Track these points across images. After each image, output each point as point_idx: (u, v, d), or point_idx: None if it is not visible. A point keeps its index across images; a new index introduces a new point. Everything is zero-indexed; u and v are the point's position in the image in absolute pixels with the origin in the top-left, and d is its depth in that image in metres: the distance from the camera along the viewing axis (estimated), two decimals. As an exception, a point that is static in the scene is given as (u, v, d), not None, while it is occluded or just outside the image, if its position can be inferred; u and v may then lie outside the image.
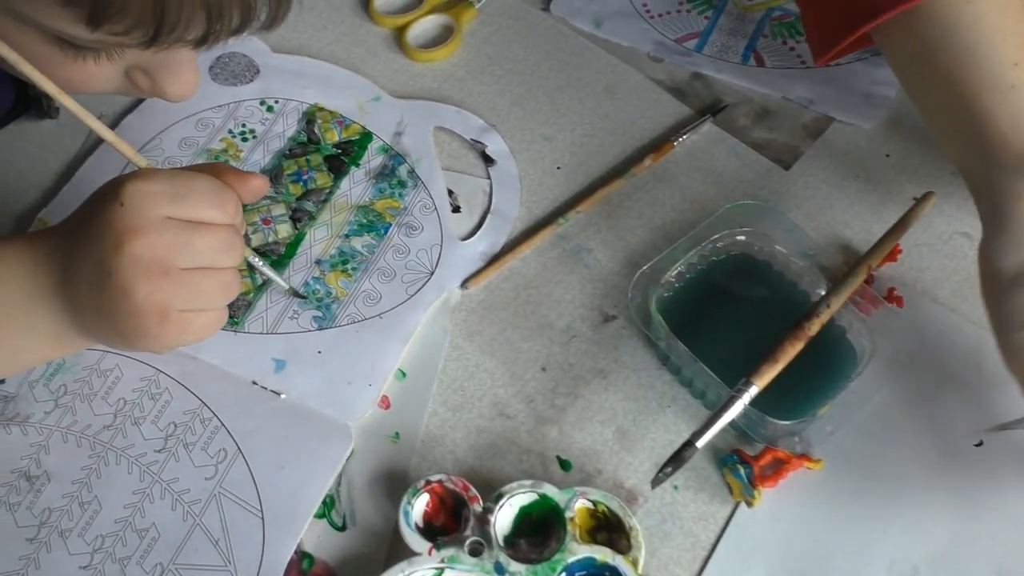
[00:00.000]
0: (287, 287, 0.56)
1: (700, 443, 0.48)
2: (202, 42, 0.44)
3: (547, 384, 0.56)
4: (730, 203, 0.59)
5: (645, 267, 0.56)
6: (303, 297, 0.57)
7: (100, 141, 0.64)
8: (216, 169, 0.48)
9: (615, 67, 0.70)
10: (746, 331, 0.55)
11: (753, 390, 0.49)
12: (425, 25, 0.71)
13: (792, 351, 0.51)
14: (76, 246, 0.46)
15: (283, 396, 0.54)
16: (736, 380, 0.51)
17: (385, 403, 0.55)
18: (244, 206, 0.49)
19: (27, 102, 0.64)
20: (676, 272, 0.56)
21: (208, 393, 0.54)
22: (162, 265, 0.44)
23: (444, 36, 0.71)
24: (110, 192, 0.45)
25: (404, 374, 0.56)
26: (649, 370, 0.56)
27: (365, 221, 0.61)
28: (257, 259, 0.53)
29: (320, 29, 0.70)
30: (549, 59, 0.70)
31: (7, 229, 0.61)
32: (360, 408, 0.54)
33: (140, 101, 0.66)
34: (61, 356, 0.55)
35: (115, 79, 0.50)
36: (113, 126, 0.65)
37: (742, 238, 0.57)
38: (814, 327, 0.52)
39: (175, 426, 0.53)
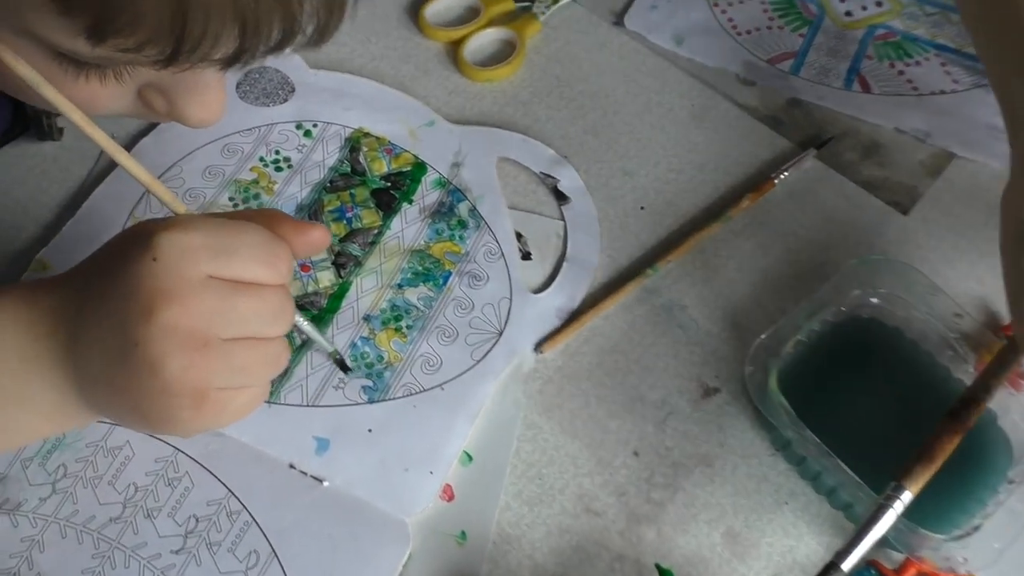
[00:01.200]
0: (332, 349, 0.47)
1: (847, 566, 0.39)
2: (233, 61, 0.35)
3: (641, 472, 0.47)
4: (856, 259, 0.50)
5: (763, 336, 0.47)
6: (348, 369, 0.48)
7: (111, 168, 0.55)
8: (267, 217, 0.39)
9: (700, 91, 0.61)
10: (880, 415, 0.46)
11: (906, 497, 0.40)
12: (483, 39, 0.62)
13: (949, 447, 0.42)
14: (91, 304, 0.37)
15: (326, 483, 0.45)
16: (872, 476, 0.42)
17: (448, 494, 0.46)
18: None
19: (25, 122, 0.55)
20: (793, 342, 0.47)
21: (237, 479, 0.45)
22: (201, 336, 0.35)
23: (505, 52, 0.62)
24: (140, 242, 0.36)
25: (471, 458, 0.47)
26: (761, 457, 0.47)
27: (421, 268, 0.52)
28: (303, 320, 0.44)
29: (363, 42, 0.61)
30: (626, 80, 0.61)
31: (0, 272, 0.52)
32: (419, 500, 0.45)
33: (156, 123, 0.57)
34: (61, 432, 0.46)
35: (125, 100, 0.41)
36: (126, 150, 0.56)
37: (874, 300, 0.48)
38: (973, 417, 0.43)
39: (196, 520, 0.44)
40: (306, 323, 0.44)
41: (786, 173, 0.56)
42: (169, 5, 0.31)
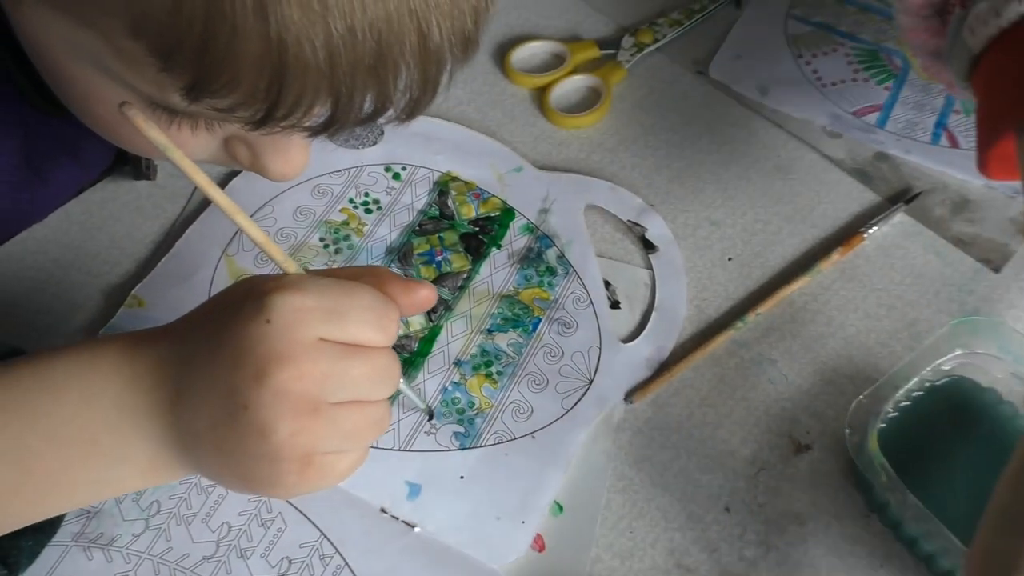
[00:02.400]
0: (424, 407, 0.48)
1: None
2: (322, 130, 0.36)
3: (733, 529, 0.46)
4: (954, 319, 0.50)
5: (862, 396, 0.46)
6: (431, 416, 0.48)
7: (203, 207, 0.56)
8: (375, 276, 0.39)
9: (786, 141, 0.61)
10: (980, 479, 0.45)
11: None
12: (569, 86, 0.62)
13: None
14: (198, 362, 0.36)
15: (417, 529, 0.45)
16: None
17: (539, 544, 0.45)
18: None
19: (124, 159, 0.56)
20: (893, 402, 0.46)
21: (329, 522, 0.45)
22: (312, 401, 0.35)
23: (591, 99, 0.62)
24: (252, 302, 0.35)
25: (561, 508, 0.46)
26: (854, 517, 0.47)
27: (510, 314, 0.52)
28: (403, 381, 0.44)
29: (451, 87, 0.62)
30: (710, 130, 0.61)
31: (94, 304, 0.53)
32: (511, 550, 0.45)
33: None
34: (152, 487, 0.46)
35: (211, 148, 0.42)
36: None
37: (972, 362, 0.48)
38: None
39: (289, 562, 0.44)
40: (405, 384, 0.44)
41: (876, 227, 0.56)
42: (267, 73, 0.32)
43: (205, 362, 0.36)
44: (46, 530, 0.42)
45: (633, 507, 0.47)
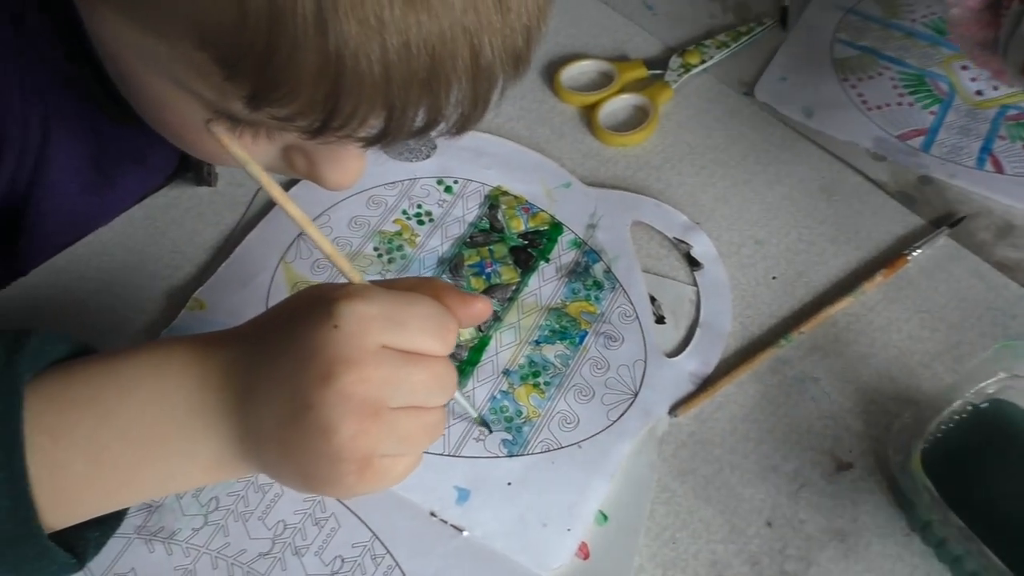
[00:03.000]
0: (476, 416, 0.49)
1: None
2: (375, 141, 0.38)
3: (774, 543, 0.47)
4: (999, 343, 0.50)
5: (906, 416, 0.47)
6: (488, 429, 0.49)
7: (262, 214, 0.58)
8: (434, 288, 0.40)
9: (831, 164, 0.62)
10: (1019, 501, 0.46)
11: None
12: (617, 105, 0.64)
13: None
14: (266, 363, 0.38)
15: (466, 533, 0.46)
16: (1018, 564, 0.42)
17: (584, 552, 0.46)
18: None
19: (187, 165, 0.58)
20: (936, 423, 0.47)
21: (380, 523, 0.47)
22: (374, 404, 0.36)
23: (638, 118, 0.63)
24: (320, 308, 0.37)
25: (606, 517, 0.47)
26: (896, 536, 0.47)
27: (557, 327, 0.53)
28: (457, 391, 0.45)
29: (501, 104, 0.64)
30: (755, 150, 0.62)
31: (156, 306, 0.55)
32: (557, 557, 0.46)
33: (306, 171, 0.59)
34: (215, 483, 0.47)
35: (270, 157, 0.44)
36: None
37: (1017, 386, 0.48)
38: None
39: (342, 561, 0.46)
40: (460, 395, 0.46)
41: (920, 250, 0.56)
42: (325, 85, 0.34)
43: (273, 364, 0.38)
44: (111, 522, 0.44)
45: (676, 518, 0.48)
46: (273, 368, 0.38)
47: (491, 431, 0.49)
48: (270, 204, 0.58)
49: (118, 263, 0.56)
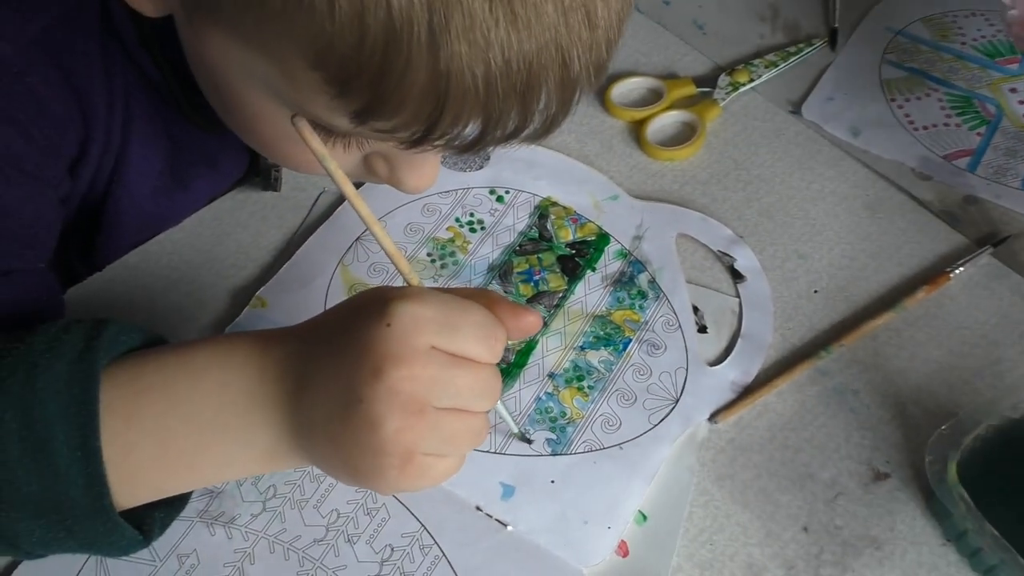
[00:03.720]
0: (517, 431, 0.50)
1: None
2: (469, 148, 0.40)
3: (810, 548, 0.48)
4: (1039, 357, 0.51)
5: (943, 427, 0.48)
6: (529, 442, 0.51)
7: (323, 219, 0.60)
8: (488, 298, 0.42)
9: (875, 182, 0.63)
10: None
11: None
12: (665, 121, 0.66)
13: None
14: (322, 358, 0.40)
15: (510, 528, 0.48)
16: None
17: (623, 550, 0.48)
18: None
19: (255, 171, 0.62)
20: (973, 435, 0.48)
21: (429, 515, 0.49)
22: (420, 402, 0.38)
23: (685, 134, 0.65)
24: (376, 307, 0.39)
25: (645, 517, 0.49)
26: (931, 546, 0.48)
27: (602, 333, 0.55)
28: (499, 402, 0.47)
29: (553, 116, 0.66)
30: (801, 167, 0.64)
31: (221, 303, 0.58)
32: (597, 553, 0.47)
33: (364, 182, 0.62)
34: (266, 472, 0.50)
35: (353, 163, 0.47)
36: (337, 204, 0.61)
37: (1055, 401, 0.49)
38: None
39: (392, 550, 0.48)
40: (503, 408, 0.48)
41: (962, 268, 0.57)
42: (431, 98, 0.36)
43: (328, 359, 0.40)
44: (176, 504, 0.46)
45: (714, 521, 0.49)
46: (327, 363, 0.40)
47: (531, 443, 0.51)
48: (331, 209, 0.61)
49: (186, 262, 0.59)
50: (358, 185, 0.61)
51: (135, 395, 0.42)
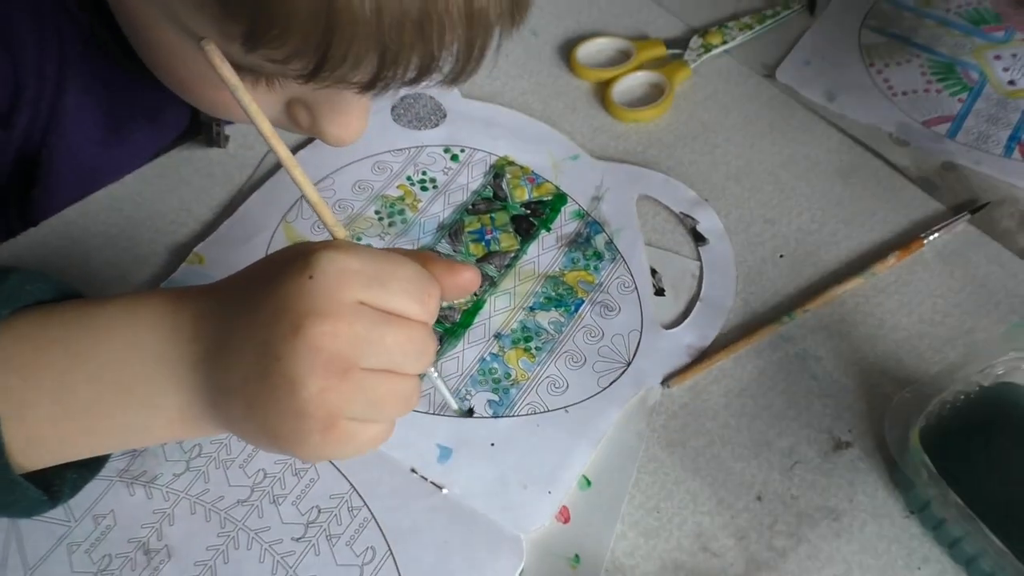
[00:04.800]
0: (457, 407, 0.47)
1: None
2: (369, 87, 0.38)
3: (763, 518, 0.45)
4: (1010, 323, 0.48)
5: (906, 391, 0.45)
6: (470, 413, 0.48)
7: (268, 176, 0.58)
8: (421, 257, 0.39)
9: (850, 147, 0.60)
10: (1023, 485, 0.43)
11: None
12: (632, 82, 0.63)
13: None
14: (239, 316, 0.37)
15: (445, 491, 0.46)
16: (1019, 545, 0.40)
17: (564, 515, 0.45)
18: None
19: (197, 128, 0.59)
20: (939, 401, 0.45)
21: (360, 477, 0.46)
22: (344, 361, 0.35)
23: (652, 95, 0.63)
24: (297, 260, 0.36)
25: (589, 482, 0.46)
26: (893, 517, 0.45)
27: (553, 294, 0.52)
28: (434, 371, 0.44)
29: (515, 77, 0.64)
30: (772, 131, 0.61)
31: (160, 260, 0.55)
32: (536, 518, 0.45)
33: (314, 138, 0.60)
34: (178, 440, 0.47)
35: (274, 110, 0.44)
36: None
37: (1025, 366, 0.46)
38: None
39: (319, 511, 0.45)
40: (436, 374, 0.44)
41: (937, 235, 0.54)
42: (318, 24, 0.34)
43: (245, 317, 0.36)
44: (91, 466, 0.43)
45: (662, 488, 0.46)
46: (245, 320, 0.36)
47: (473, 414, 0.48)
48: (278, 166, 0.58)
49: (126, 218, 0.57)
50: (307, 143, 0.59)
51: (35, 350, 0.39)
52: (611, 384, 0.49)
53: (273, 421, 0.36)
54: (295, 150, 0.59)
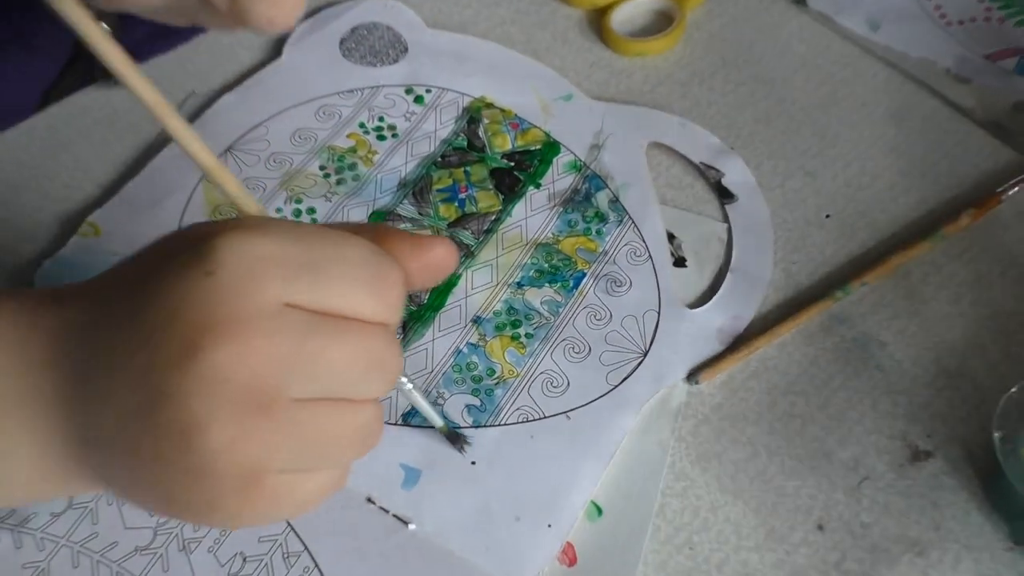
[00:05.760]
0: (441, 424, 0.36)
1: None
2: None
3: (827, 553, 0.35)
4: None
5: (1013, 389, 0.34)
6: (465, 444, 0.36)
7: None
8: (377, 231, 0.27)
9: (901, 85, 0.49)
10: None
11: None
12: (634, 8, 0.52)
13: None
14: (111, 333, 0.25)
15: (412, 527, 0.35)
16: None
17: (570, 556, 0.34)
18: None
19: (90, 64, 0.47)
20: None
21: (297, 510, 0.35)
22: (263, 394, 0.23)
23: (659, 25, 0.51)
24: (193, 248, 0.24)
25: (600, 511, 0.35)
26: (992, 550, 0.35)
27: (547, 266, 0.41)
28: (408, 382, 0.32)
29: (492, 4, 0.52)
30: (806, 67, 0.50)
31: (47, 232, 0.44)
32: (533, 562, 0.34)
33: (243, 78, 0.48)
34: (41, 501, 0.35)
35: None
36: (207, 106, 0.47)
37: None
38: None
39: (244, 560, 0.34)
40: (411, 386, 0.32)
41: (1016, 189, 0.44)
42: None
43: (120, 332, 0.25)
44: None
45: (695, 516, 0.36)
46: (119, 338, 0.25)
47: (468, 445, 0.36)
48: (199, 112, 0.47)
49: (4, 182, 0.45)
50: (235, 83, 0.47)
51: None
52: (623, 381, 0.38)
53: (168, 481, 0.24)
54: (219, 94, 0.48)
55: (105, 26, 0.26)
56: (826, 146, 0.47)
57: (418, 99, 0.47)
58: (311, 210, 0.43)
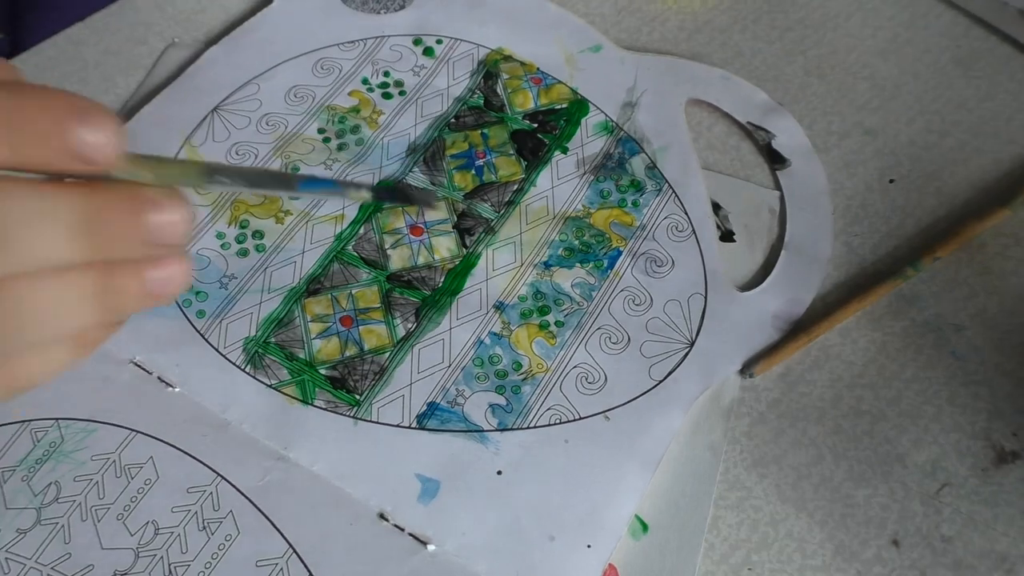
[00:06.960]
0: (369, 197, 0.23)
1: None
2: None
3: (904, 572, 0.31)
4: None
5: None
6: (432, 199, 0.25)
7: (168, 82, 0.41)
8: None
9: (968, 29, 0.44)
10: None
11: None
12: (667, -54, 0.46)
13: None
14: None
15: (431, 547, 0.30)
16: None
17: (611, 581, 0.30)
18: None
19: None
20: None
21: (302, 529, 0.31)
22: None
23: (697, -36, 0.46)
24: None
25: (646, 527, 0.31)
26: (1094, 566, 0.31)
27: (578, 244, 0.37)
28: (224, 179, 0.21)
29: (508, -59, 0.46)
30: (860, 9, 0.45)
31: None
32: (568, 589, 0.30)
33: (230, 28, 0.43)
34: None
35: None
36: (189, 62, 0.42)
37: None
38: None
39: (238, 587, 0.30)
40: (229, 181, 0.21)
41: (1103, 146, 0.39)
42: None
43: None
44: None
45: (753, 531, 0.31)
46: None
47: (438, 199, 0.29)
48: (182, 68, 0.42)
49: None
50: (219, 36, 0.42)
51: None
52: (668, 375, 0.33)
53: None
54: (205, 46, 0.42)
55: None
56: (886, 99, 0.42)
57: (428, 51, 0.42)
58: (257, 234, 0.38)
